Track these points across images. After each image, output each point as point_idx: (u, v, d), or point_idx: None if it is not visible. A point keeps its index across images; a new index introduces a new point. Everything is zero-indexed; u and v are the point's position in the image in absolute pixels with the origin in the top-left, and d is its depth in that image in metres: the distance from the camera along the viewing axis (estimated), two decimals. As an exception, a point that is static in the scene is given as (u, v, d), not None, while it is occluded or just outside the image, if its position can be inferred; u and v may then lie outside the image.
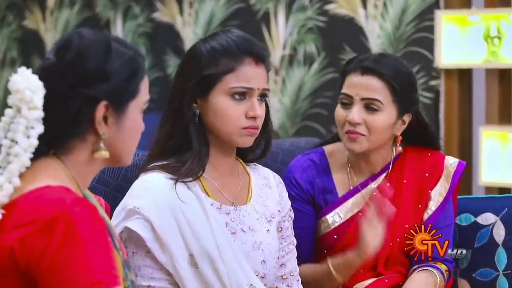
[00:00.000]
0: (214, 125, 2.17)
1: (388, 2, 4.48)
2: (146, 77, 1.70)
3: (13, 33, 5.86)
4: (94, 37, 1.65)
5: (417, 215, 2.50)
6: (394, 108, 2.43)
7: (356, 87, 2.41)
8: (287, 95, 4.83)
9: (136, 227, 2.11)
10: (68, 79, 1.61)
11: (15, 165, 1.57)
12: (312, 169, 2.52)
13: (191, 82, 2.15)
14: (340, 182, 2.52)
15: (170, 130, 2.18)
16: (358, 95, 2.40)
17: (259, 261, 2.20)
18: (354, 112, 2.40)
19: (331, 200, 2.51)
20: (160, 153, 2.20)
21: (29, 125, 1.58)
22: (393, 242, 2.47)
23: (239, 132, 2.16)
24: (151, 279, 2.12)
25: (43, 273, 1.51)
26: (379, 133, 2.42)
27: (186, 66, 2.19)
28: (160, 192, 2.13)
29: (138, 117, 1.69)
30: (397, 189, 2.49)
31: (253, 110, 2.15)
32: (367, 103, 2.40)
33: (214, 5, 5.04)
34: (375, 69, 2.40)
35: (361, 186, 2.51)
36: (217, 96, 2.15)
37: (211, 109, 2.16)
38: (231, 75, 2.14)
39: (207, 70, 2.14)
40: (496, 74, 4.15)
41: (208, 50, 2.16)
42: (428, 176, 2.52)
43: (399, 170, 2.52)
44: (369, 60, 2.42)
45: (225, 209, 2.20)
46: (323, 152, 2.56)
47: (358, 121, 2.40)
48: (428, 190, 2.51)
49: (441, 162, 2.54)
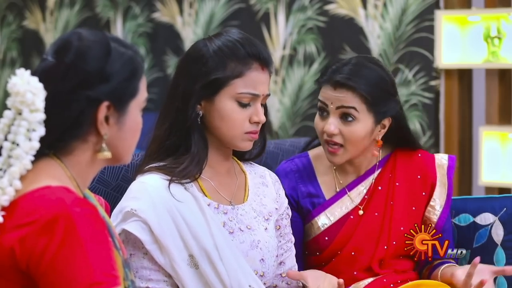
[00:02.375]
0: (218, 128, 2.17)
1: (388, 2, 4.48)
2: (144, 76, 1.71)
3: (13, 33, 5.86)
4: (93, 38, 1.65)
5: (412, 217, 2.49)
6: (371, 117, 2.40)
7: (329, 100, 2.40)
8: (287, 95, 4.83)
9: (134, 229, 2.11)
10: (69, 81, 1.61)
11: (17, 168, 1.57)
12: (295, 174, 2.51)
13: (197, 84, 2.15)
14: (326, 185, 2.52)
15: (169, 129, 2.18)
16: (332, 104, 2.39)
17: (258, 259, 2.20)
18: (330, 123, 2.39)
19: (318, 203, 2.50)
20: (157, 153, 2.20)
21: (30, 127, 1.58)
22: (388, 245, 2.47)
23: (242, 137, 2.18)
24: (149, 280, 2.12)
25: (43, 273, 1.51)
26: (357, 142, 2.40)
27: (190, 67, 2.18)
28: (157, 194, 2.13)
29: (138, 115, 1.69)
30: (389, 191, 2.49)
31: (257, 115, 2.17)
32: (342, 112, 2.39)
33: (214, 5, 5.05)
34: (346, 84, 2.37)
35: (348, 188, 2.51)
36: (223, 99, 2.15)
37: (216, 112, 2.16)
38: (239, 80, 2.15)
39: (215, 73, 2.14)
40: (496, 74, 4.15)
41: (215, 52, 2.15)
42: (421, 178, 2.52)
43: (390, 172, 2.51)
44: (341, 74, 2.39)
45: (222, 208, 2.20)
46: (307, 156, 2.56)
47: (333, 131, 2.39)
48: (422, 192, 2.51)
49: (432, 164, 2.53)
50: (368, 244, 2.45)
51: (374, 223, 2.48)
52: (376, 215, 2.48)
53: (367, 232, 2.45)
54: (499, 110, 4.16)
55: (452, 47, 4.23)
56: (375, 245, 2.46)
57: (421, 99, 4.41)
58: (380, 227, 2.47)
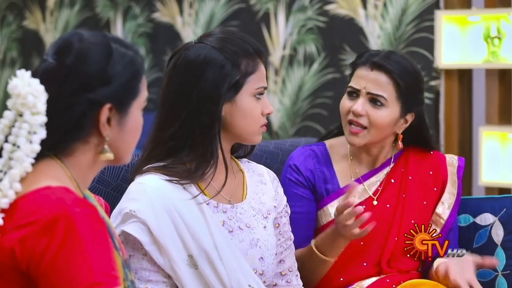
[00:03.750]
0: (239, 127, 2.20)
1: (388, 2, 4.48)
2: (145, 76, 1.71)
3: (13, 33, 5.86)
4: (94, 40, 1.64)
5: (423, 212, 2.53)
6: (398, 106, 2.48)
7: (364, 81, 2.47)
8: (287, 95, 4.83)
9: (133, 230, 2.10)
10: (70, 84, 1.60)
11: (17, 170, 1.57)
12: (313, 159, 2.57)
13: (221, 87, 2.15)
14: (342, 173, 2.56)
15: (177, 133, 2.17)
16: (365, 89, 2.47)
17: (257, 258, 2.21)
18: (359, 103, 2.46)
19: (333, 190, 2.53)
20: (156, 154, 2.20)
21: (32, 130, 1.58)
22: (399, 237, 2.50)
23: (259, 131, 2.23)
24: (148, 281, 2.12)
25: (43, 273, 1.51)
26: (380, 128, 2.47)
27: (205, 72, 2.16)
28: (156, 194, 2.13)
29: (139, 115, 1.70)
30: (402, 185, 2.54)
31: (267, 107, 2.22)
32: (372, 97, 2.46)
33: (214, 5, 5.05)
34: (383, 65, 2.46)
35: (363, 178, 2.55)
36: (244, 97, 2.18)
37: (238, 112, 2.18)
38: (253, 76, 2.19)
39: (235, 74, 2.16)
40: (496, 74, 4.15)
41: (227, 53, 2.16)
42: (433, 174, 2.57)
43: (403, 167, 2.56)
44: (379, 56, 2.49)
45: (222, 207, 2.21)
46: (324, 145, 2.61)
47: (361, 112, 2.46)
48: (433, 188, 2.56)
49: (443, 162, 2.59)
50: (379, 235, 2.46)
51: (386, 215, 2.50)
52: (388, 207, 2.52)
53: (379, 223, 2.46)
54: (499, 110, 4.16)
55: (452, 47, 4.23)
56: (385, 236, 2.49)
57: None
58: (391, 219, 2.50)
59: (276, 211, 2.32)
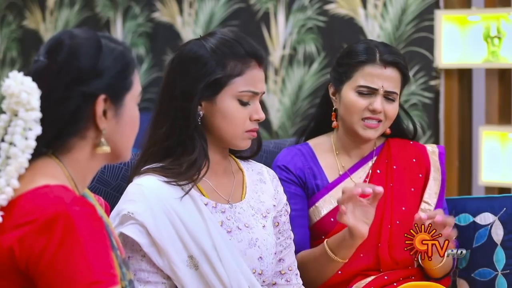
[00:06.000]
0: (219, 128, 2.18)
1: (388, 2, 4.48)
2: (137, 70, 1.72)
3: (13, 33, 5.86)
4: (84, 36, 1.66)
5: (412, 198, 2.57)
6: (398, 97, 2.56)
7: (380, 80, 2.50)
8: (287, 95, 4.83)
9: (131, 232, 2.10)
10: (63, 79, 1.62)
11: (13, 166, 1.58)
12: (301, 157, 2.58)
13: (198, 84, 2.15)
14: (329, 168, 2.59)
15: (169, 131, 2.18)
16: (383, 88, 2.51)
17: (256, 258, 2.20)
18: (378, 102, 2.50)
19: (322, 185, 2.55)
20: (153, 154, 2.19)
21: (26, 126, 1.58)
22: (392, 225, 2.52)
23: (242, 135, 2.19)
24: (147, 283, 2.12)
25: (42, 272, 1.51)
26: (391, 120, 2.55)
27: (189, 68, 2.17)
28: (154, 196, 2.12)
29: (135, 109, 1.71)
30: (388, 174, 2.58)
31: (257, 113, 2.19)
32: (387, 94, 2.51)
33: (214, 5, 5.05)
34: (397, 62, 2.51)
35: (350, 171, 2.58)
36: (225, 99, 2.16)
37: (218, 112, 2.17)
38: (239, 79, 2.16)
39: (216, 73, 2.15)
40: (496, 74, 4.15)
41: (214, 52, 2.16)
42: (416, 162, 2.61)
43: (386, 158, 2.60)
44: (387, 52, 2.52)
45: (220, 207, 2.20)
46: (308, 144, 2.63)
47: (381, 110, 2.51)
48: (419, 174, 2.59)
49: (424, 150, 2.64)
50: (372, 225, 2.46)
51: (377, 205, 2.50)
52: None
53: None
54: (499, 110, 4.16)
55: (452, 47, 4.23)
56: (379, 225, 2.50)
57: (421, 99, 4.41)
58: (382, 208, 2.51)
59: (276, 210, 2.32)
